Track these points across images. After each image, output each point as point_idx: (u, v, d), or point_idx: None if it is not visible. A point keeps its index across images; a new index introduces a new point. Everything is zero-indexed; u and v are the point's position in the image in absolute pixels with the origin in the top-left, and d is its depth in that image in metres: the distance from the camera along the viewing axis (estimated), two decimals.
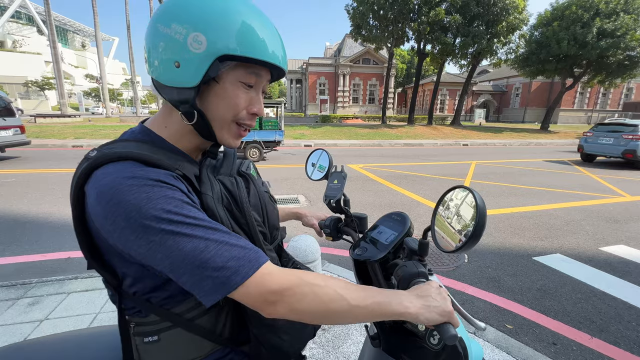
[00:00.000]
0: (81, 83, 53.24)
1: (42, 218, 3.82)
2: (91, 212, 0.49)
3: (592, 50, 17.46)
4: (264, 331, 0.62)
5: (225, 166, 0.66)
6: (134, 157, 0.50)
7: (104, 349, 0.69)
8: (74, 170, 0.54)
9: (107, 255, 0.54)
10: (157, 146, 0.56)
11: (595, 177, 7.39)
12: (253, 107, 0.60)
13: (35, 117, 19.50)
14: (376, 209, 4.41)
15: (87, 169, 0.50)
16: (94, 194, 0.48)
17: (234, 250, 0.48)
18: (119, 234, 0.47)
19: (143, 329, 0.58)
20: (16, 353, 0.65)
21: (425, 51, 20.02)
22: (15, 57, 45.93)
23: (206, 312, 0.60)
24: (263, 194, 0.68)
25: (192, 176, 0.57)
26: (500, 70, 38.54)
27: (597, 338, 1.99)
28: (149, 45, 0.54)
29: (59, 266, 2.71)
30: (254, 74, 0.57)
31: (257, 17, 0.54)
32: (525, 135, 18.40)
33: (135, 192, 0.46)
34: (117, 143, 0.55)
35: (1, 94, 7.90)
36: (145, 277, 0.54)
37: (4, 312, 2.00)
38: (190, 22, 0.50)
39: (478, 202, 0.55)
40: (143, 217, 0.45)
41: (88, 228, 0.53)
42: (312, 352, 1.75)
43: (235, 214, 0.60)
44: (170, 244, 0.46)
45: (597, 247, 3.36)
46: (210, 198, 0.57)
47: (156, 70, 0.55)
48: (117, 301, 0.57)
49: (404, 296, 0.55)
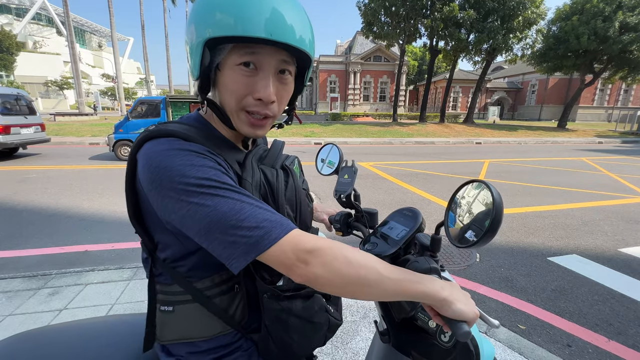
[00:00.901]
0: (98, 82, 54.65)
1: (61, 212, 3.97)
2: (140, 176, 0.53)
3: (614, 45, 16.75)
4: (276, 324, 0.63)
5: (270, 157, 0.67)
6: (181, 135, 0.54)
7: (123, 335, 0.72)
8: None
9: (148, 219, 0.59)
10: (205, 132, 0.60)
11: (615, 176, 7.13)
12: (257, 92, 0.55)
13: (55, 116, 20.15)
14: (386, 207, 4.38)
15: (142, 139, 0.55)
16: (144, 160, 0.52)
17: (267, 214, 0.50)
18: (162, 197, 0.50)
19: (165, 297, 0.61)
20: (38, 337, 0.69)
21: (438, 48, 19.65)
22: (36, 57, 47.44)
23: (224, 292, 0.62)
24: (300, 191, 0.69)
25: (233, 162, 0.60)
26: (516, 66, 37.46)
27: (614, 341, 1.93)
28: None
29: (77, 259, 2.81)
30: (250, 54, 0.54)
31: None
32: (541, 133, 17.88)
33: (180, 160, 0.50)
34: (173, 124, 0.59)
35: (23, 94, 8.20)
36: (174, 244, 0.58)
37: (25, 301, 2.09)
38: (192, 17, 0.55)
39: (495, 196, 0.53)
40: (186, 181, 0.48)
41: (137, 193, 0.57)
42: (320, 347, 1.76)
43: (269, 203, 0.61)
44: (208, 204, 0.48)
45: (616, 248, 3.25)
46: (249, 184, 0.59)
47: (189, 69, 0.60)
48: (149, 265, 0.62)
49: (436, 280, 0.54)
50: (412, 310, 0.66)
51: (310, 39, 0.58)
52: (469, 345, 0.63)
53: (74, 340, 0.69)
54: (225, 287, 0.62)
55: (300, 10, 0.56)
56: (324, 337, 0.71)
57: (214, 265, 0.59)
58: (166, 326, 0.62)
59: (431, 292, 0.52)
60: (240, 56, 0.54)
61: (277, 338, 0.63)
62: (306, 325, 0.65)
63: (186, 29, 0.57)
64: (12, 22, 50.82)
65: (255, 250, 0.48)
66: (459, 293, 0.54)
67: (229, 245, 0.48)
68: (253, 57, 0.54)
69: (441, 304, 0.52)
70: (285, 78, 0.59)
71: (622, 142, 15.96)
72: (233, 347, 0.64)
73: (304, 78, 0.66)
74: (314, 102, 40.59)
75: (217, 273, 0.61)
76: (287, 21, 0.52)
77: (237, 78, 0.55)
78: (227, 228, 0.47)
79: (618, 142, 16.05)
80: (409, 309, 0.66)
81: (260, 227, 0.48)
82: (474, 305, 0.54)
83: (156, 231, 0.59)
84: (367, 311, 2.09)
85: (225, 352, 0.63)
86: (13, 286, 2.25)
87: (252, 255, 0.48)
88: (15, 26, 48.75)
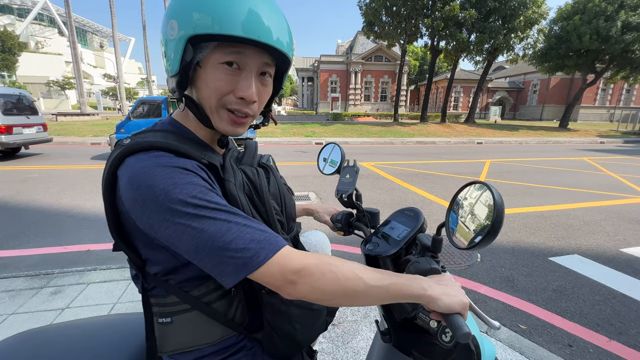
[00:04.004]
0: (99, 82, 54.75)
1: (63, 212, 3.98)
2: (122, 195, 0.52)
3: (616, 44, 16.70)
4: (278, 318, 0.64)
5: (247, 157, 0.69)
6: (163, 146, 0.53)
7: (124, 334, 0.72)
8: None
9: (133, 236, 0.57)
10: (183, 137, 0.59)
11: (616, 176, 7.11)
12: (239, 91, 0.56)
13: (57, 116, 20.20)
14: (387, 207, 4.38)
15: (121, 155, 0.53)
16: (126, 178, 0.51)
17: (255, 233, 0.50)
18: (147, 216, 0.49)
19: (162, 310, 0.61)
20: (40, 336, 0.69)
21: (439, 48, 19.60)
22: (38, 58, 47.53)
23: (221, 297, 0.62)
24: (282, 185, 0.72)
25: (217, 165, 0.60)
26: (517, 66, 37.35)
27: (615, 341, 1.93)
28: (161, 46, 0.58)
29: (79, 258, 2.82)
30: (235, 54, 0.54)
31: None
32: (542, 133, 17.82)
33: (164, 177, 0.49)
34: (148, 133, 0.59)
35: (25, 94, 8.22)
36: (166, 260, 0.57)
37: (28, 300, 2.10)
38: (171, 12, 0.54)
39: (496, 197, 0.53)
40: (170, 201, 0.48)
41: (118, 210, 0.56)
42: (322, 346, 1.77)
43: (255, 201, 0.63)
44: (195, 226, 0.48)
45: (618, 249, 3.24)
46: (233, 185, 0.59)
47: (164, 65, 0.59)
48: (140, 281, 0.61)
49: (423, 280, 0.55)
50: (413, 310, 0.66)
51: (290, 43, 0.60)
52: (470, 345, 0.64)
53: (75, 339, 0.70)
54: (222, 291, 0.62)
55: (282, 14, 0.58)
56: (325, 322, 0.73)
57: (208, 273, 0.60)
58: (166, 338, 0.62)
59: (417, 292, 0.53)
60: (225, 55, 0.54)
61: (280, 331, 0.64)
62: (307, 313, 0.67)
63: (164, 23, 0.55)
64: (14, 23, 50.95)
65: (244, 271, 0.48)
66: (443, 287, 0.55)
67: (218, 264, 0.48)
68: (237, 57, 0.55)
69: (427, 302, 0.54)
70: (266, 80, 0.61)
71: (624, 142, 15.89)
72: (237, 348, 0.65)
73: (282, 81, 0.68)
74: (315, 102, 40.58)
75: (212, 279, 0.60)
76: (275, 25, 0.54)
77: (220, 76, 0.55)
78: (215, 250, 0.48)
79: (620, 142, 15.99)
80: (410, 309, 0.67)
81: (248, 249, 0.48)
82: (463, 295, 0.55)
83: (144, 247, 0.58)
84: (368, 311, 2.10)
85: (230, 352, 0.64)
86: (16, 285, 2.27)
87: (241, 275, 0.48)
88: (18, 26, 48.87)
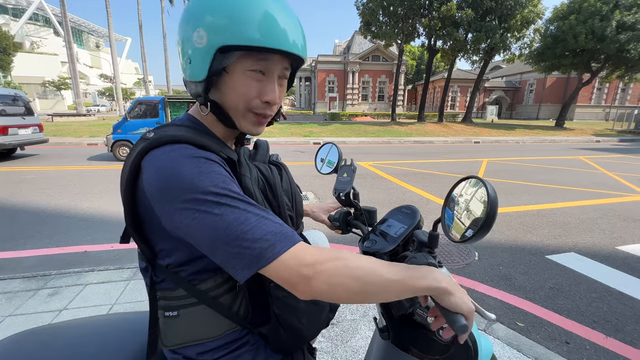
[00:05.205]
0: (96, 83, 54.45)
1: (60, 213, 3.96)
2: (146, 184, 0.54)
3: (611, 44, 16.80)
4: (286, 312, 0.65)
5: (260, 155, 0.73)
6: (186, 140, 0.56)
7: (124, 332, 0.72)
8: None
9: (148, 226, 0.59)
10: (201, 132, 0.62)
11: (612, 174, 7.16)
12: (265, 96, 0.60)
13: (53, 116, 20.08)
14: (385, 206, 4.39)
15: (148, 147, 0.55)
16: (153, 168, 0.53)
17: (272, 226, 0.50)
18: (169, 205, 0.51)
19: (168, 303, 0.62)
20: (41, 335, 0.69)
21: (436, 47, 19.66)
22: (34, 58, 47.21)
23: (227, 291, 0.63)
24: (294, 183, 0.76)
25: (234, 159, 0.63)
26: (514, 66, 37.49)
27: (612, 338, 1.95)
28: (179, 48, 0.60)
29: (77, 259, 2.81)
30: (261, 61, 0.58)
31: (254, 4, 0.54)
32: (539, 132, 17.93)
33: (190, 167, 0.51)
34: (169, 127, 0.62)
35: (21, 94, 8.17)
36: (179, 250, 0.59)
37: (25, 302, 2.09)
38: (196, 20, 0.55)
39: (489, 191, 0.54)
40: (195, 190, 0.50)
41: (136, 200, 0.57)
42: (321, 345, 1.77)
43: (268, 196, 0.65)
44: (216, 212, 0.49)
45: (614, 246, 3.27)
46: (249, 179, 0.63)
47: (182, 68, 0.61)
48: (149, 273, 0.62)
49: (435, 271, 0.55)
50: (410, 306, 0.67)
51: (304, 45, 0.63)
52: (467, 341, 0.64)
53: (76, 338, 0.70)
54: (228, 286, 0.63)
55: (298, 20, 0.61)
56: (327, 318, 0.75)
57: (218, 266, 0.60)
58: (171, 331, 0.62)
59: (433, 283, 0.52)
60: (253, 63, 0.57)
61: (287, 325, 0.65)
62: (312, 308, 0.68)
63: (187, 28, 0.56)
64: (9, 23, 50.60)
65: (258, 263, 0.48)
66: (456, 286, 0.56)
67: (232, 257, 0.48)
68: (264, 64, 0.58)
69: (441, 293, 0.53)
70: (283, 82, 0.65)
71: (620, 141, 16.02)
72: (241, 342, 0.66)
73: (293, 79, 0.72)
74: (312, 102, 40.60)
75: (220, 274, 0.62)
76: (295, 33, 0.58)
77: (248, 82, 0.59)
78: (231, 239, 0.48)
79: (615, 140, 16.11)
80: (408, 305, 0.67)
81: (265, 240, 0.48)
82: (470, 301, 0.55)
83: (159, 239, 0.59)
84: (366, 309, 2.10)
85: (233, 347, 0.65)
86: (13, 287, 2.25)
87: (255, 267, 0.48)
88: (12, 26, 48.56)
